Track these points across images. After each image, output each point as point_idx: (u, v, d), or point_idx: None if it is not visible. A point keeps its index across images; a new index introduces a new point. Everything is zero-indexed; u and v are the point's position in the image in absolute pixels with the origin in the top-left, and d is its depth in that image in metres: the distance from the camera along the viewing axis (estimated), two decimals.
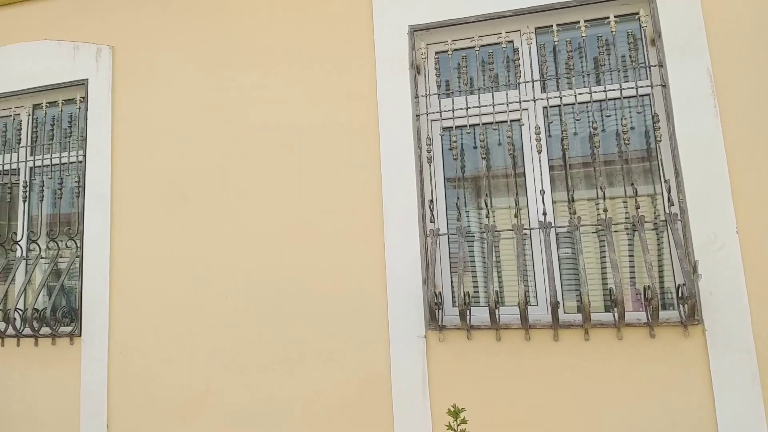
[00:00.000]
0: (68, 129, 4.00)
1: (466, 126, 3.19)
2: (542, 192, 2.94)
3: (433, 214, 3.08)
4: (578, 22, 3.07)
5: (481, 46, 3.27)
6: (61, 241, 3.82)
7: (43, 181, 3.90)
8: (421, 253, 3.05)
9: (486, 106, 3.13)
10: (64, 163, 3.92)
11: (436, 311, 2.94)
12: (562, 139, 2.93)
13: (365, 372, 3.07)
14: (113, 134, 3.72)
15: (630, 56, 2.97)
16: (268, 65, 3.47)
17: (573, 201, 2.92)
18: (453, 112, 3.11)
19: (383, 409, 3.02)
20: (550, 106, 3.11)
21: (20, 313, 3.68)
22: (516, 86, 3.16)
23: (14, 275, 3.82)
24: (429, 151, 3.09)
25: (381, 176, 3.16)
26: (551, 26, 3.12)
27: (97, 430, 3.43)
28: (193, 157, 3.53)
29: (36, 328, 3.59)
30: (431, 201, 3.11)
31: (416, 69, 3.25)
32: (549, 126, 3.14)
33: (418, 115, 3.18)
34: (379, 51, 3.26)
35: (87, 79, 3.83)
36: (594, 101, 3.02)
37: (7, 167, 4.02)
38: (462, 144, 3.27)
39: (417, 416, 2.95)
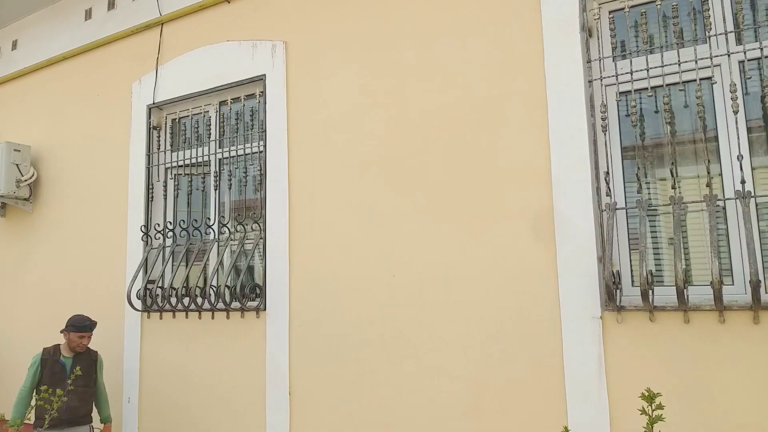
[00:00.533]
0: (250, 122, 4.33)
1: (646, 89, 2.91)
2: (740, 157, 2.59)
3: (609, 187, 2.88)
4: None
5: None
6: (247, 224, 4.16)
7: (230, 171, 4.28)
8: (596, 229, 2.87)
9: (671, 65, 2.82)
10: (247, 154, 4.27)
11: (614, 291, 2.74)
12: (763, 97, 2.58)
13: (535, 353, 2.96)
14: (289, 125, 3.96)
15: None
16: (428, 42, 3.46)
17: None
18: (631, 74, 2.87)
19: (555, 392, 2.89)
20: (748, 60, 2.73)
21: (214, 289, 4.07)
22: (705, 40, 2.82)
23: (208, 256, 4.25)
24: (604, 119, 2.88)
25: (549, 149, 3.01)
26: None
27: (281, 395, 3.70)
28: (361, 143, 3.64)
29: (228, 303, 3.96)
30: (607, 173, 2.90)
31: (588, 32, 3.04)
32: (746, 82, 2.77)
33: (590, 81, 2.98)
34: (545, 15, 3.09)
35: (264, 75, 4.11)
36: None
37: (200, 159, 4.47)
38: (641, 109, 3.00)
39: (592, 401, 2.79)
